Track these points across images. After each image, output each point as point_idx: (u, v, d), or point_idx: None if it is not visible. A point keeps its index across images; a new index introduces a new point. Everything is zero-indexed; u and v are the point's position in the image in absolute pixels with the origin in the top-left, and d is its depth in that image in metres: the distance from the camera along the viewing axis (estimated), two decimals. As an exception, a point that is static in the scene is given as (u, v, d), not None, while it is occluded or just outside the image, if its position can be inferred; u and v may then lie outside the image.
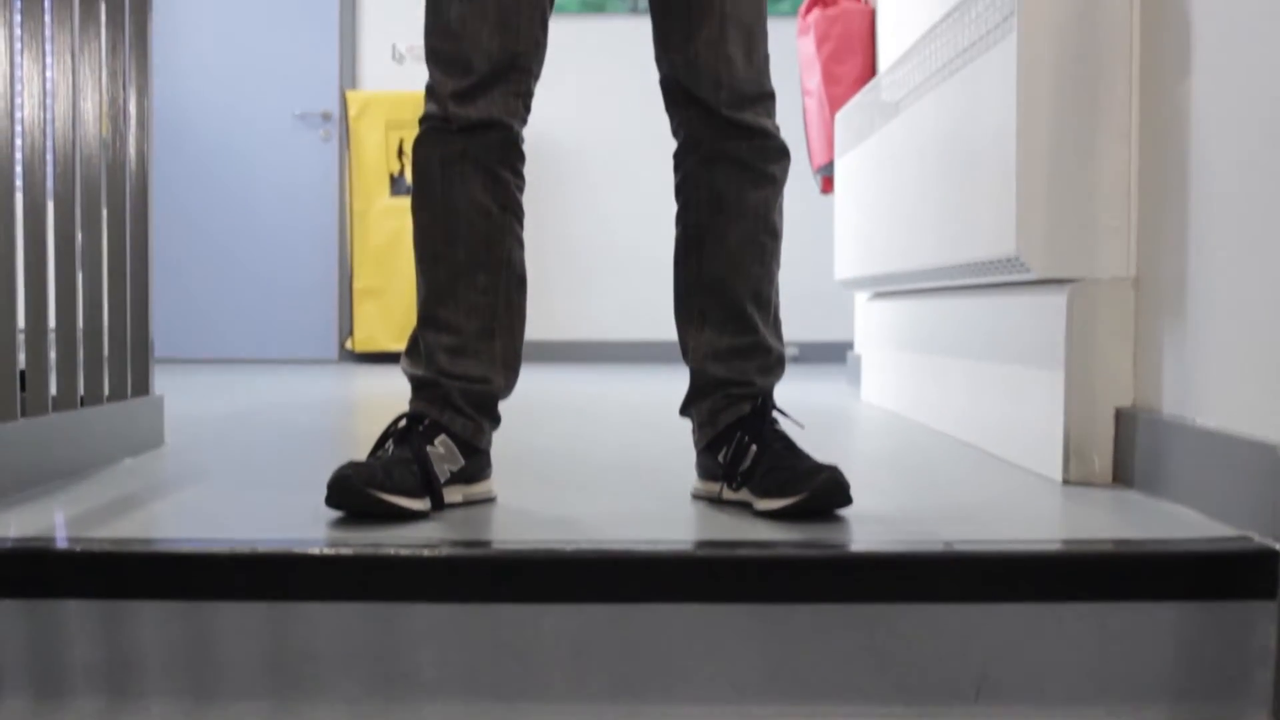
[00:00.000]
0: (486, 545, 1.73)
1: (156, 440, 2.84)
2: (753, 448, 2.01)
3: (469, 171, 1.99)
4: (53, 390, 2.38)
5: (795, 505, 1.89)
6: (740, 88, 2.00)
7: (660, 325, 7.39)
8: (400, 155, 7.07)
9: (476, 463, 2.05)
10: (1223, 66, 2.00)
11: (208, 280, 7.54)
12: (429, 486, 1.93)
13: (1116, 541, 1.79)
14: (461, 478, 2.01)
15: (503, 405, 2.05)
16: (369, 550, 1.65)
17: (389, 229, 7.04)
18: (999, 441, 2.73)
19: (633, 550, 1.68)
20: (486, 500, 2.08)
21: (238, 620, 1.64)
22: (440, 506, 1.95)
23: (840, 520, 1.91)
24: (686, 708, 1.65)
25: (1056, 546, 1.76)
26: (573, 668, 1.65)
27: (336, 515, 1.90)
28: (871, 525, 1.88)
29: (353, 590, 1.64)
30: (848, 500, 1.91)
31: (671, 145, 2.10)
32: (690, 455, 2.18)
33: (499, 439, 3.02)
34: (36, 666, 1.65)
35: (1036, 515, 2.01)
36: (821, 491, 1.89)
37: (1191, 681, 1.66)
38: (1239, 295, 1.94)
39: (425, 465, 1.94)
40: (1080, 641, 1.66)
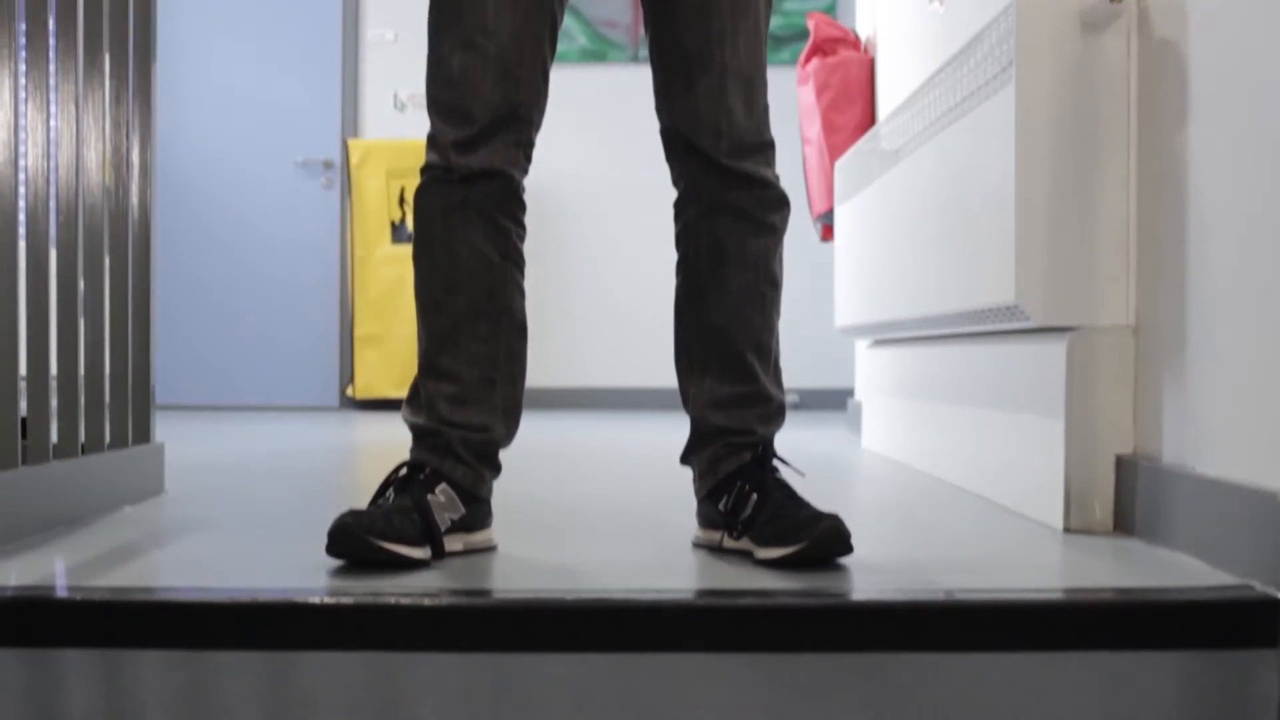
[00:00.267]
0: (487, 594, 1.73)
1: (157, 488, 2.84)
2: (753, 496, 2.00)
3: (470, 220, 2.00)
4: (54, 437, 2.38)
5: (796, 554, 1.89)
6: (740, 138, 2.01)
7: (659, 373, 7.40)
8: (401, 203, 7.09)
9: (477, 511, 2.05)
10: (1220, 115, 2.01)
11: (208, 326, 7.54)
12: (430, 535, 1.93)
13: (1118, 590, 1.78)
14: (462, 526, 2.01)
15: (503, 453, 2.06)
16: (369, 599, 1.65)
17: (390, 276, 7.05)
18: (1000, 489, 2.73)
19: (634, 599, 1.68)
20: (487, 549, 2.08)
21: (238, 669, 1.64)
22: (441, 555, 1.95)
23: (841, 569, 1.90)
24: (687, 758, 1.64)
25: (1058, 595, 1.75)
26: (574, 717, 1.64)
27: (337, 564, 1.90)
28: (872, 574, 1.88)
29: (353, 640, 1.64)
30: (848, 549, 1.90)
31: (671, 194, 2.11)
32: (690, 503, 2.18)
33: (499, 487, 3.02)
34: (36, 716, 1.64)
35: (1038, 564, 2.00)
36: (822, 540, 1.89)
37: (1194, 731, 1.66)
38: (1239, 343, 1.94)
39: (426, 514, 1.93)
40: (1082, 691, 1.65)
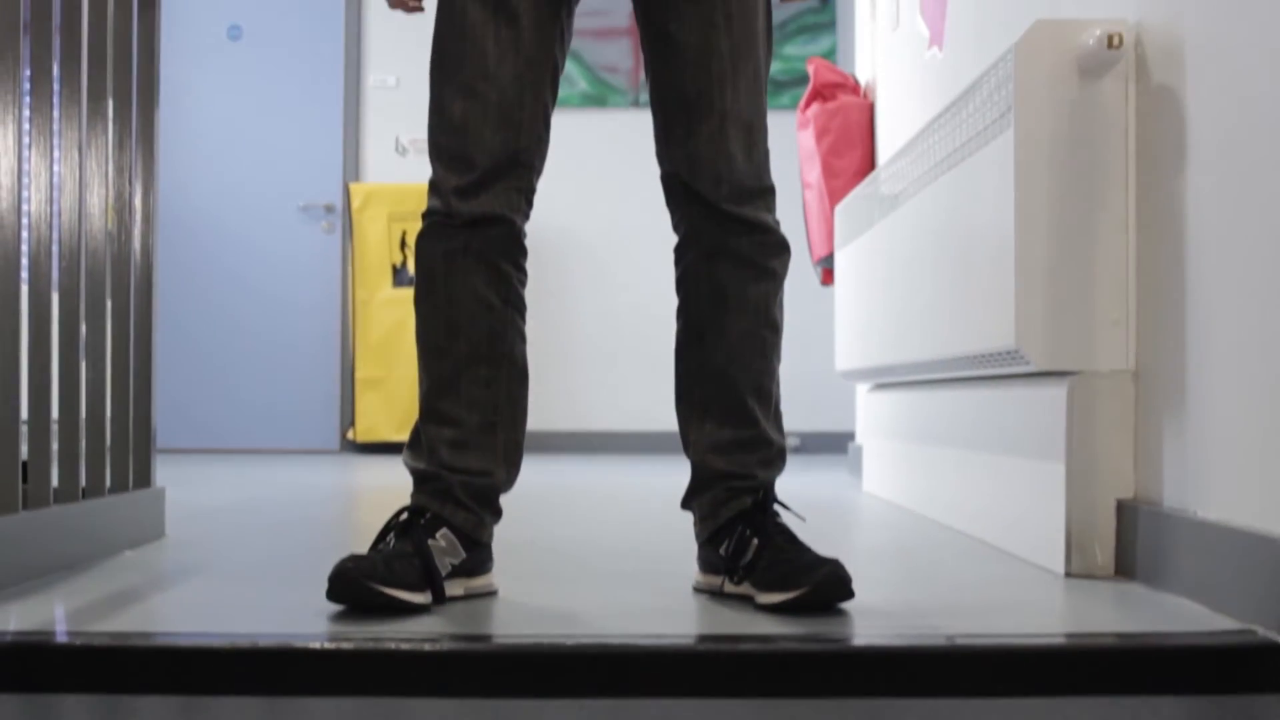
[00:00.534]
0: (488, 639, 1.73)
1: (157, 532, 2.83)
2: (754, 541, 2.00)
3: (471, 266, 2.01)
4: (54, 482, 2.38)
5: (797, 599, 1.89)
6: (741, 183, 2.02)
7: (660, 416, 7.39)
8: (403, 247, 7.11)
9: (478, 556, 2.05)
10: (1219, 161, 2.02)
11: (210, 370, 7.55)
12: (430, 580, 1.92)
13: (1120, 635, 1.78)
14: (463, 571, 2.01)
15: (504, 497, 2.06)
16: (370, 645, 1.65)
17: (391, 319, 7.06)
18: (1001, 533, 2.73)
19: (634, 644, 1.68)
20: (488, 594, 2.08)
21: (237, 715, 1.63)
22: (441, 600, 1.94)
23: (842, 614, 1.90)
24: (688, 804, 1.64)
25: (1060, 640, 1.75)
26: (574, 764, 1.64)
27: (337, 609, 1.89)
28: (873, 619, 1.87)
29: (353, 685, 1.63)
30: (849, 594, 1.90)
31: (671, 238, 2.13)
32: (691, 547, 2.17)
33: (500, 531, 3.02)
34: (34, 762, 1.64)
35: (1039, 608, 2.00)
36: (823, 585, 1.88)
37: (1197, 778, 1.65)
38: (1238, 387, 1.94)
39: (426, 559, 1.93)
40: (1085, 737, 1.65)
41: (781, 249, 2.08)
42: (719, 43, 2.00)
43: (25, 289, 2.25)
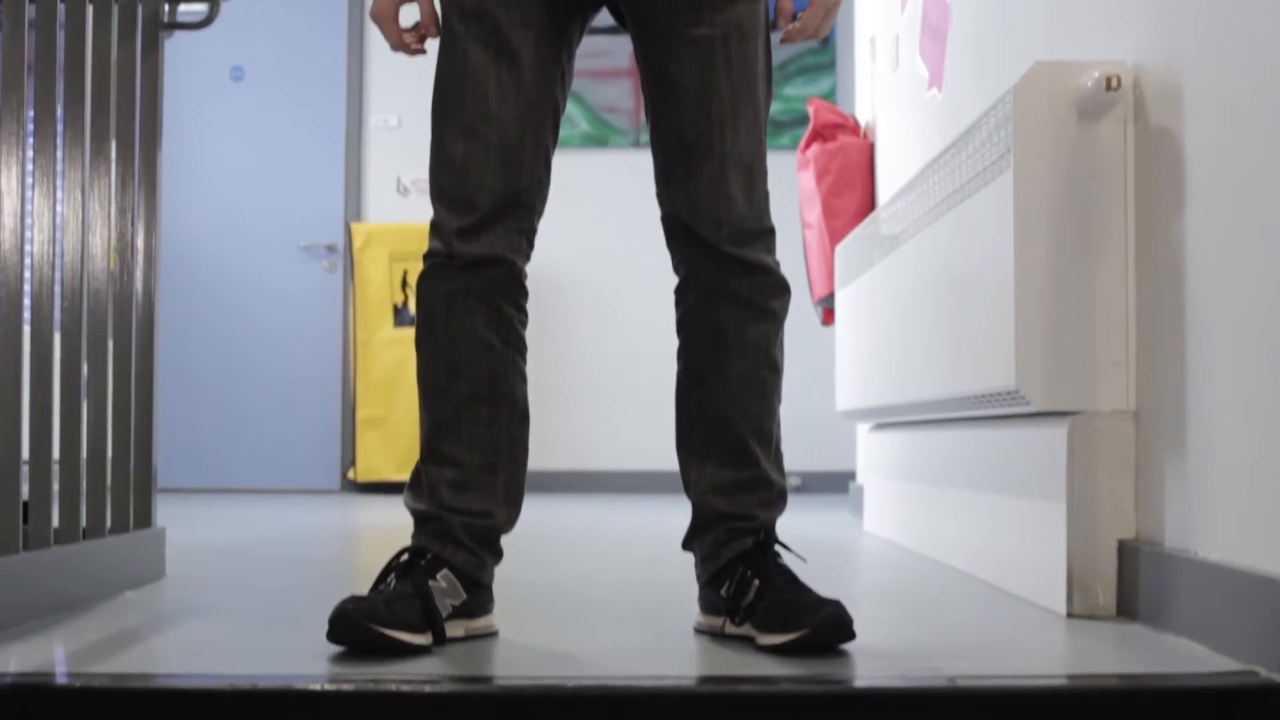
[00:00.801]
0: (488, 681, 1.72)
1: (158, 573, 2.83)
2: (755, 582, 2.00)
3: (473, 307, 2.01)
4: (55, 522, 2.38)
5: (798, 641, 1.88)
6: (741, 225, 2.03)
7: (661, 456, 7.39)
8: (404, 286, 7.12)
9: (478, 597, 2.04)
10: (1217, 202, 2.03)
11: (210, 409, 7.55)
12: (431, 621, 1.92)
13: (1122, 676, 1.78)
14: (463, 612, 2.01)
15: (505, 538, 2.06)
16: (370, 686, 1.64)
17: (392, 359, 7.07)
18: (1002, 574, 2.72)
19: (636, 686, 1.67)
20: (489, 635, 2.07)
21: (237, 758, 1.63)
22: (442, 641, 1.94)
23: (844, 655, 1.90)
24: (690, 847, 1.63)
25: (1061, 682, 1.75)
26: (575, 806, 1.63)
27: (338, 650, 1.89)
28: (875, 660, 1.87)
29: (353, 727, 1.63)
30: (851, 635, 1.90)
31: (672, 278, 2.14)
32: (692, 588, 2.17)
33: (501, 571, 3.01)
34: (33, 805, 1.63)
35: (1041, 649, 2.00)
36: (824, 627, 1.88)
37: (1201, 820, 1.64)
38: (1239, 427, 1.94)
39: (427, 600, 1.93)
40: (1087, 779, 1.64)
41: (782, 290, 2.08)
42: (719, 85, 2.01)
43: (27, 329, 2.25)
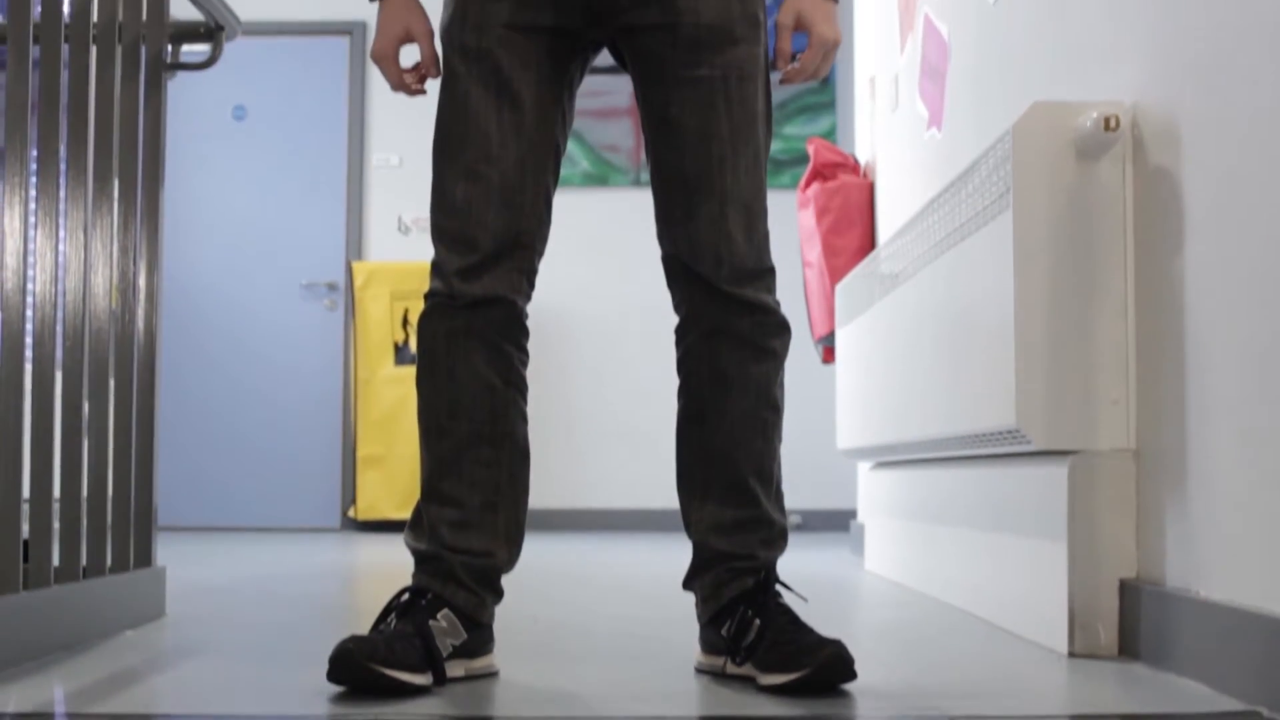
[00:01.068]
0: (488, 721, 1.72)
1: (158, 611, 2.82)
2: (756, 622, 2.00)
3: (473, 347, 2.02)
4: (55, 561, 2.37)
5: (799, 680, 1.88)
6: (741, 264, 2.03)
7: (662, 495, 7.38)
8: (405, 325, 7.13)
9: (479, 637, 2.04)
10: (1216, 241, 2.03)
11: (211, 447, 7.55)
12: (431, 661, 1.92)
13: (1124, 716, 1.77)
14: (464, 652, 2.00)
15: (505, 577, 2.06)
16: (370, 726, 1.64)
17: (393, 397, 7.07)
18: (1004, 613, 2.72)
19: (636, 726, 1.67)
20: (489, 674, 2.07)
21: (236, 798, 1.63)
22: (443, 681, 1.94)
23: (845, 695, 1.89)
24: None
25: (1063, 722, 1.74)
26: (575, 847, 1.63)
27: (338, 690, 1.89)
28: (876, 700, 1.86)
29: (353, 767, 1.62)
30: (852, 675, 1.89)
31: (673, 316, 2.14)
32: (693, 627, 2.17)
33: (502, 610, 3.01)
34: (31, 846, 1.63)
35: (1043, 689, 1.99)
36: (825, 667, 1.88)
37: None
38: (1240, 465, 1.95)
39: (428, 639, 1.93)
40: (1089, 820, 1.64)
41: (782, 329, 2.09)
42: (719, 125, 2.02)
43: (29, 367, 2.25)
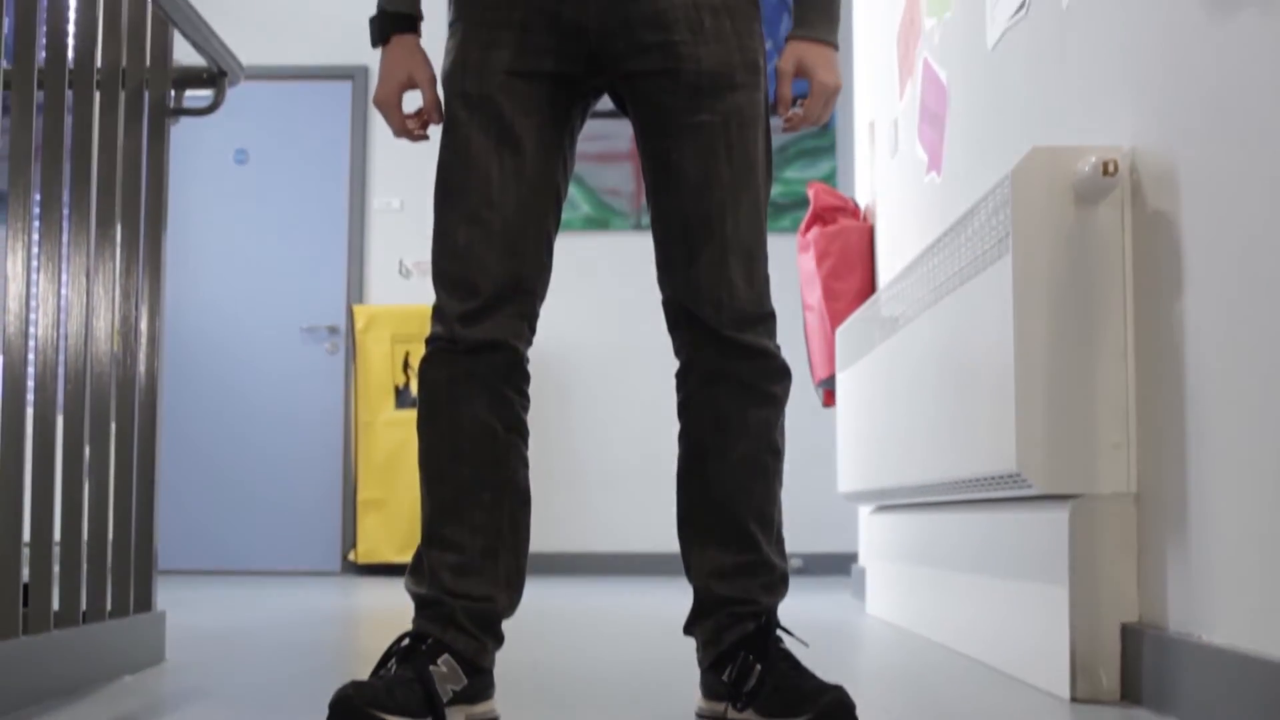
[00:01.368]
0: (489, 767, 1.71)
1: (157, 656, 2.82)
2: (757, 667, 1.99)
3: (475, 392, 2.02)
4: (55, 605, 2.37)
5: (801, 726, 1.87)
6: (741, 309, 2.04)
7: (664, 538, 7.37)
8: (405, 368, 7.14)
9: (479, 682, 2.03)
10: (1215, 285, 2.04)
11: (212, 490, 7.54)
12: (432, 706, 1.91)
13: (1126, 763, 1.76)
14: (464, 697, 2.00)
15: (505, 622, 2.06)
16: (370, 772, 1.63)
17: (393, 441, 7.07)
18: (1006, 657, 2.71)
19: (637, 772, 1.66)
20: (489, 720, 2.06)
21: (235, 845, 1.62)
22: (442, 727, 1.93)
23: (846, 741, 1.88)
24: None
25: (1066, 768, 1.73)
26: None
27: (337, 736, 1.88)
28: (878, 746, 1.86)
29: (353, 814, 1.61)
30: (853, 720, 1.89)
31: (673, 361, 2.13)
32: (694, 672, 2.16)
33: (502, 655, 3.00)
34: None
35: (1045, 735, 1.99)
36: (827, 712, 1.87)
37: None
38: (1241, 509, 1.94)
39: (428, 685, 1.92)
40: None
41: (782, 374, 2.09)
42: (719, 171, 2.03)
43: (30, 411, 2.26)
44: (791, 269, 7.23)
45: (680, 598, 5.21)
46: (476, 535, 2.02)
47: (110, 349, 2.63)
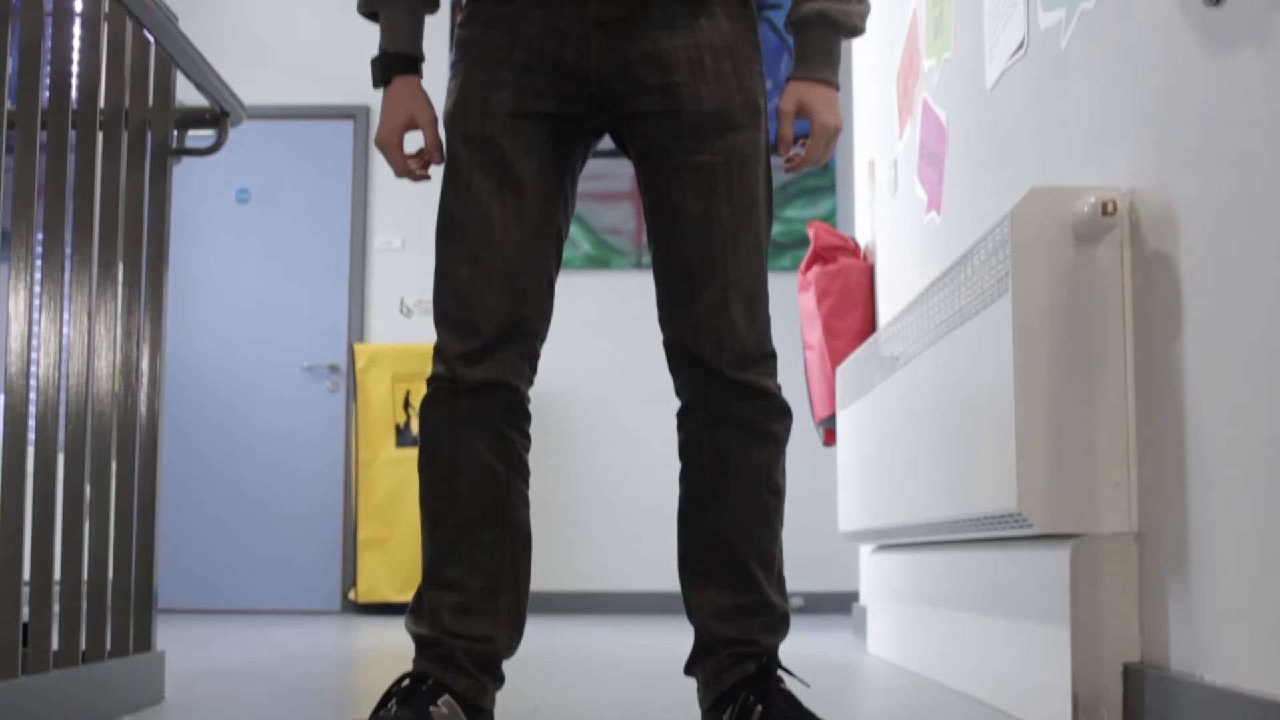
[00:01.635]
0: (489, 808, 1.70)
1: (156, 697, 2.81)
2: (758, 708, 1.99)
3: (476, 432, 2.02)
4: (55, 645, 2.36)
5: (802, 766, 1.87)
6: (742, 349, 2.04)
7: (665, 577, 7.35)
8: (406, 407, 7.14)
9: (479, 722, 2.03)
10: (1214, 324, 2.04)
11: (211, 529, 7.53)
12: (431, 747, 1.91)
13: (1129, 804, 1.76)
14: (464, 738, 1.99)
15: (506, 662, 2.05)
16: (370, 814, 1.62)
17: (394, 479, 7.06)
18: (1008, 697, 2.70)
19: (637, 814, 1.66)
20: (489, 760, 2.06)
21: None
22: (442, 767, 1.92)
23: (848, 781, 1.88)
24: None
25: (1068, 809, 1.73)
26: None
27: (337, 776, 1.87)
28: (880, 787, 1.85)
29: None
30: (855, 761, 1.88)
31: (674, 399, 2.14)
32: (694, 712, 2.15)
33: (503, 696, 2.99)
34: None
35: (1047, 776, 1.98)
36: (828, 752, 1.87)
37: None
38: (1242, 550, 1.94)
39: (428, 725, 1.92)
40: None
41: (783, 414, 2.09)
42: (720, 211, 2.03)
43: (31, 450, 2.26)
44: (792, 307, 7.24)
45: (681, 637, 5.20)
46: (477, 575, 2.02)
47: (111, 388, 2.64)
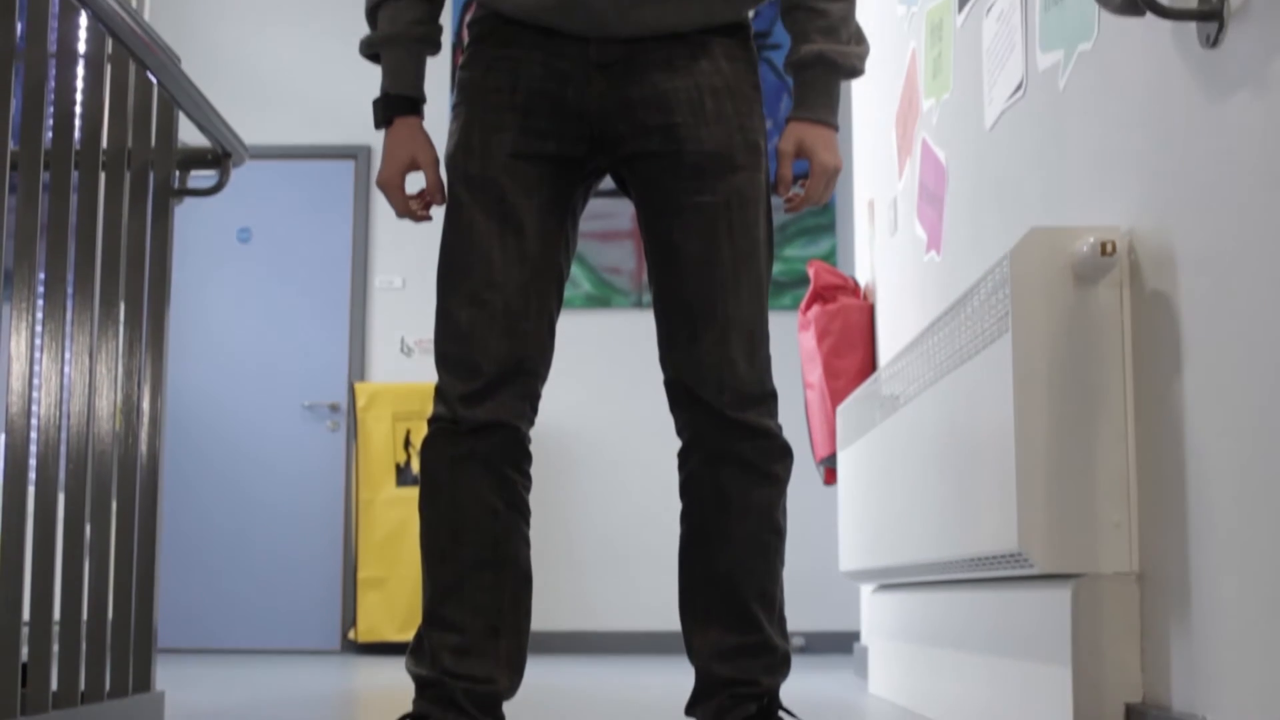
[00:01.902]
0: None
1: (155, 737, 2.80)
2: (760, 748, 1.98)
3: (476, 472, 2.02)
4: (54, 685, 2.36)
5: (803, 808, 1.86)
6: (743, 389, 2.05)
7: (666, 617, 7.33)
8: (407, 446, 7.13)
9: (480, 763, 2.02)
10: (1214, 364, 2.04)
11: (211, 568, 7.51)
12: (431, 788, 1.90)
13: (1132, 846, 1.75)
14: (464, 779, 1.98)
15: (507, 703, 2.05)
16: None
17: (394, 519, 7.05)
18: (1009, 739, 2.69)
19: None
20: (489, 802, 2.05)
21: None
22: (442, 809, 1.92)
23: (849, 823, 1.87)
24: None
25: None
26: None
27: (336, 818, 1.87)
28: (881, 828, 1.84)
29: None
30: (856, 802, 1.88)
31: (675, 439, 2.15)
32: (696, 754, 2.14)
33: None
34: None
35: (1049, 817, 1.97)
36: (829, 793, 1.86)
37: None
38: (1243, 589, 1.94)
39: (428, 766, 1.91)
40: None
41: (784, 454, 2.10)
42: (721, 251, 2.04)
43: (32, 489, 2.26)
44: (792, 346, 7.25)
45: (682, 677, 5.18)
46: (478, 616, 2.02)
47: (112, 427, 2.64)
